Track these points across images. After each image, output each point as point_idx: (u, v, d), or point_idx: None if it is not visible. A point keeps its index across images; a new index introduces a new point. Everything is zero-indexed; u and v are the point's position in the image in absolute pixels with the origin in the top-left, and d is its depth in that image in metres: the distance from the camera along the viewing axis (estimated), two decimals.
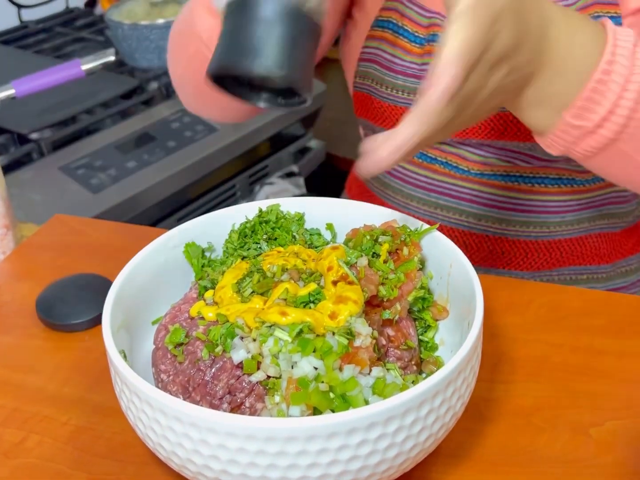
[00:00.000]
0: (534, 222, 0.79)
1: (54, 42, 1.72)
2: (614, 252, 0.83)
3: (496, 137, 0.74)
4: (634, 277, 0.85)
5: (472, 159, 0.77)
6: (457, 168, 0.78)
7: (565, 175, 0.77)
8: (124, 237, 0.76)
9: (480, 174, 0.77)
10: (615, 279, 0.84)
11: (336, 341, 0.44)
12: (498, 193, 0.78)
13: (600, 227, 0.81)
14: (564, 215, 0.79)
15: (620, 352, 0.59)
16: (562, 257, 0.80)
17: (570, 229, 0.80)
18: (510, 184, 0.77)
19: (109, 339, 0.45)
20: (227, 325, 0.46)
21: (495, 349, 0.59)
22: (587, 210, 0.80)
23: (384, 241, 0.51)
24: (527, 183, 0.77)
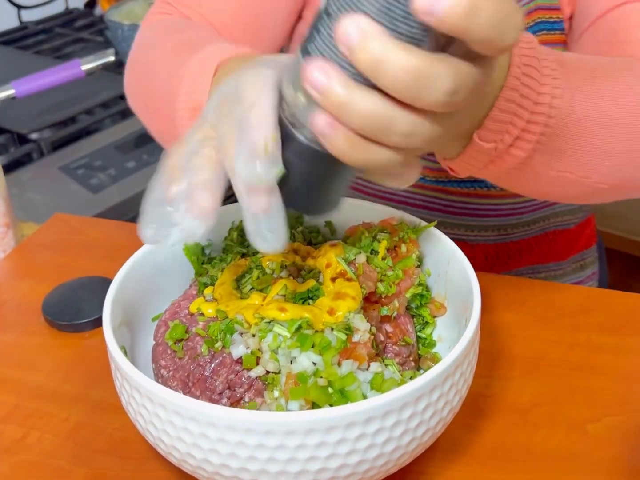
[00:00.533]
0: (491, 226, 0.80)
1: (53, 42, 1.72)
2: (569, 248, 0.85)
3: None
4: (589, 271, 0.88)
5: (427, 166, 0.77)
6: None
7: None
8: (124, 235, 0.76)
9: (436, 181, 0.78)
10: (572, 275, 0.86)
11: (335, 337, 0.45)
12: (454, 199, 0.79)
13: (555, 225, 0.83)
14: (519, 217, 0.80)
15: (617, 349, 0.59)
16: (520, 258, 0.82)
17: (527, 230, 0.81)
18: (466, 189, 0.78)
19: (110, 334, 0.45)
20: (226, 321, 0.46)
21: (493, 346, 0.59)
22: (540, 210, 0.81)
23: (382, 238, 0.52)
24: (483, 187, 0.78)
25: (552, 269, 0.84)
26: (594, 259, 0.90)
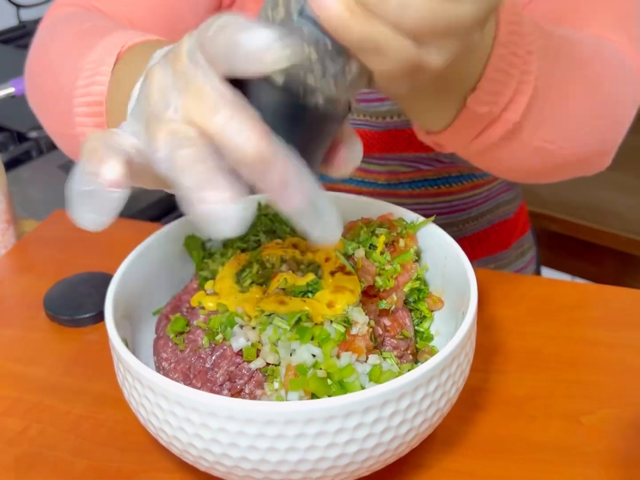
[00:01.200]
0: (444, 223, 0.82)
1: None
2: (510, 236, 0.88)
3: (401, 150, 0.75)
4: (529, 256, 0.92)
5: (377, 170, 0.78)
6: (364, 182, 0.79)
7: (465, 172, 0.80)
8: (124, 232, 0.76)
9: (388, 185, 0.79)
10: (516, 262, 0.89)
11: (334, 329, 0.45)
12: (407, 202, 0.80)
13: (498, 217, 0.86)
14: (469, 212, 0.82)
15: (612, 343, 0.60)
16: (473, 251, 0.84)
17: (476, 224, 0.84)
18: (418, 190, 0.80)
19: (112, 326, 0.46)
20: (227, 314, 0.47)
21: (490, 341, 0.60)
22: (486, 203, 0.84)
23: (381, 233, 0.52)
24: (433, 186, 0.79)
25: (500, 259, 0.87)
26: (531, 244, 0.93)
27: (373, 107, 0.73)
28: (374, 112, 0.73)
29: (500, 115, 0.47)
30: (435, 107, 0.48)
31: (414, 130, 0.70)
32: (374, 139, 0.75)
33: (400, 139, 0.75)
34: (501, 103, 0.46)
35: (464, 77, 0.45)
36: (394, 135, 0.74)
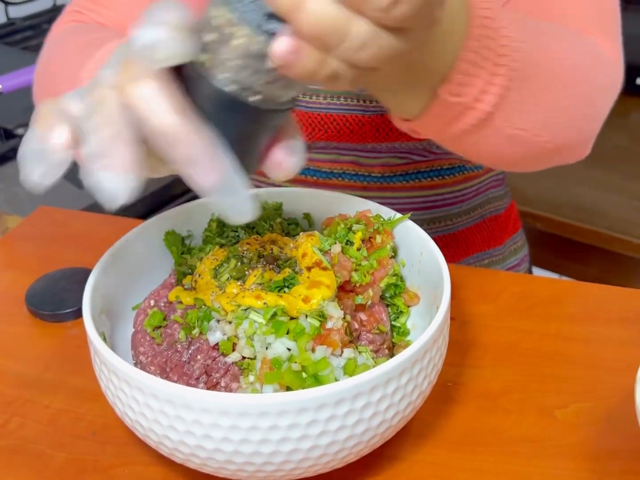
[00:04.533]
0: (438, 217, 0.83)
1: (40, 38, 1.71)
2: (502, 233, 0.90)
3: (394, 139, 0.76)
4: (521, 254, 0.93)
5: (370, 163, 0.79)
6: (357, 175, 0.80)
7: (457, 164, 0.81)
8: (107, 228, 0.77)
9: (382, 177, 0.80)
10: (509, 258, 0.90)
11: (308, 323, 0.46)
12: (401, 195, 0.81)
13: (489, 212, 0.87)
14: (460, 205, 0.84)
15: (587, 339, 0.61)
16: (466, 246, 0.85)
17: (468, 218, 0.85)
18: (412, 182, 0.80)
19: (89, 321, 0.46)
20: (204, 309, 0.48)
21: (466, 336, 0.61)
22: (477, 197, 0.85)
23: (358, 229, 0.53)
24: (427, 178, 0.80)
25: (493, 255, 0.88)
26: (523, 242, 0.95)
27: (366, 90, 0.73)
28: (367, 95, 0.73)
29: (472, 105, 0.48)
30: (407, 96, 0.48)
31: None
32: (367, 124, 0.76)
33: (394, 125, 0.75)
34: (472, 94, 0.47)
35: (435, 68, 0.46)
36: (387, 120, 0.74)
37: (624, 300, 0.65)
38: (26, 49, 1.66)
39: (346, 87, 0.38)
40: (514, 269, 0.92)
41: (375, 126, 0.76)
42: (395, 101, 0.50)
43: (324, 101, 0.74)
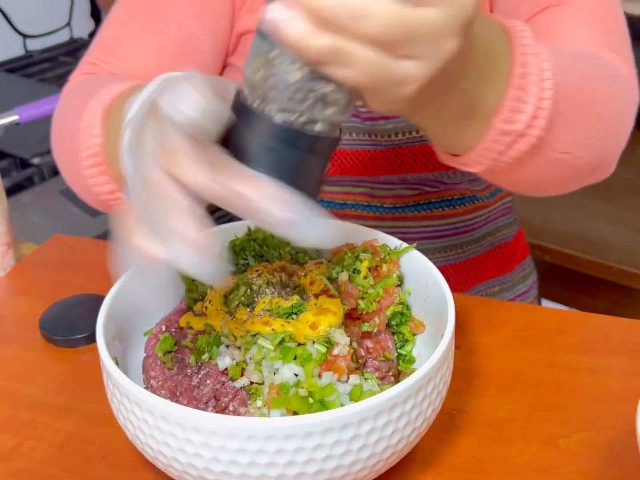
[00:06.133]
0: (449, 246, 0.84)
1: (57, 70, 1.77)
2: (511, 260, 0.91)
3: (405, 171, 0.78)
4: (530, 280, 0.94)
5: (383, 195, 0.81)
6: (370, 206, 0.81)
7: (467, 194, 0.83)
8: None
9: (394, 208, 0.81)
10: (519, 285, 0.92)
11: (315, 349, 0.47)
12: (413, 224, 0.83)
13: (498, 240, 0.89)
14: (472, 234, 0.85)
15: (591, 369, 0.62)
16: (477, 274, 0.86)
17: (478, 246, 0.86)
18: (423, 212, 0.82)
19: (102, 345, 0.48)
20: (213, 334, 0.49)
21: (472, 365, 0.62)
22: (487, 225, 0.87)
23: (364, 258, 0.54)
24: (438, 208, 0.82)
25: (504, 282, 0.90)
26: (532, 269, 0.96)
27: (378, 125, 0.75)
28: (379, 130, 0.75)
29: (524, 131, 0.49)
30: (460, 130, 0.50)
31: (417, 148, 0.71)
32: (379, 159, 0.78)
33: (406, 157, 0.77)
34: (524, 120, 0.49)
35: (487, 99, 0.48)
36: (399, 154, 0.77)
37: (627, 331, 0.66)
38: (43, 80, 1.71)
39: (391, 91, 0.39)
40: (524, 296, 0.93)
41: (387, 159, 0.78)
42: (450, 137, 0.51)
43: None
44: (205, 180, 0.37)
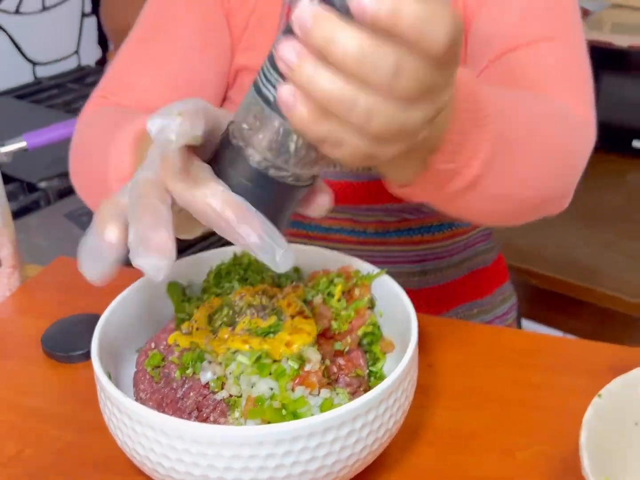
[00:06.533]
0: (428, 270, 0.89)
1: (65, 97, 1.84)
2: (491, 284, 0.96)
3: (386, 201, 0.83)
4: (509, 303, 0.99)
5: (366, 220, 0.86)
6: (354, 232, 0.87)
7: (445, 221, 0.88)
8: (120, 278, 0.83)
9: (376, 234, 0.87)
10: (498, 308, 0.97)
11: (289, 365, 0.52)
12: (394, 249, 0.87)
13: (477, 264, 0.94)
14: (450, 259, 0.90)
15: (555, 387, 0.66)
16: (455, 297, 0.91)
17: (457, 270, 0.91)
18: (404, 237, 0.87)
19: (96, 360, 0.53)
20: (197, 351, 0.54)
21: (441, 381, 0.66)
22: (465, 250, 0.92)
23: (338, 282, 0.59)
24: (417, 234, 0.87)
25: (482, 305, 0.95)
26: (511, 292, 1.01)
27: None
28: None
29: (461, 170, 0.53)
30: (402, 167, 0.53)
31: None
32: (360, 190, 0.83)
33: (386, 189, 0.82)
34: (461, 161, 0.52)
35: (427, 143, 0.50)
36: (379, 186, 0.81)
37: (591, 354, 0.70)
38: (51, 107, 1.77)
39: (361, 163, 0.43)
40: (502, 317, 0.97)
41: (369, 190, 0.83)
42: (391, 171, 0.55)
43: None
44: (182, 187, 0.43)
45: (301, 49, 0.38)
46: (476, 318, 0.94)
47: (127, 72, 0.78)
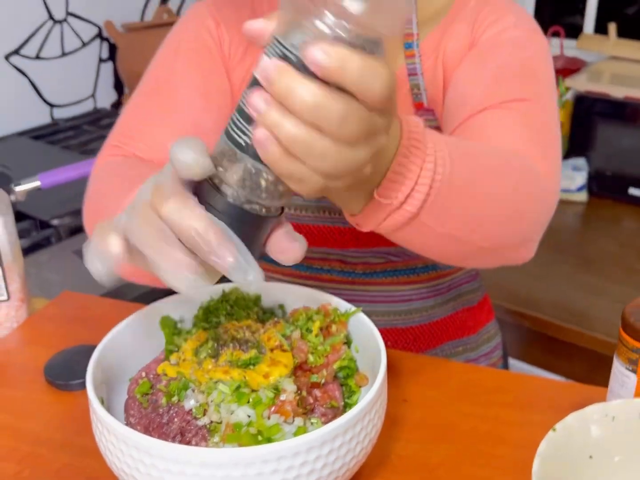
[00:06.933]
0: (414, 309, 0.93)
1: (81, 138, 1.91)
2: (476, 323, 1.00)
3: (373, 245, 0.88)
4: (494, 342, 1.03)
5: (354, 262, 0.91)
6: (343, 272, 0.92)
7: (429, 263, 0.92)
8: (121, 312, 0.89)
9: (364, 274, 0.92)
10: (482, 346, 1.00)
11: (265, 395, 0.57)
12: (381, 289, 0.92)
13: (462, 304, 0.98)
14: (436, 299, 0.94)
15: (521, 423, 0.70)
16: (441, 335, 0.94)
17: (442, 310, 0.95)
18: (390, 278, 0.92)
19: (90, 387, 0.58)
20: (183, 380, 0.59)
21: (415, 415, 0.71)
22: (450, 291, 0.96)
23: (317, 319, 0.64)
24: (403, 275, 0.92)
25: (468, 343, 0.99)
26: (497, 331, 1.05)
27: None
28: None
29: (400, 206, 0.57)
30: (349, 199, 0.59)
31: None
32: (348, 234, 0.88)
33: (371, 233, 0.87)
34: (399, 198, 0.57)
35: (371, 179, 0.55)
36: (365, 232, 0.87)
37: (557, 391, 0.75)
38: (67, 147, 1.84)
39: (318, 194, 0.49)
40: (488, 356, 1.02)
41: (355, 235, 0.88)
42: (343, 202, 0.60)
43: (312, 214, 0.87)
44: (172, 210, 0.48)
45: (267, 98, 0.44)
46: (462, 355, 0.98)
47: (136, 123, 0.84)
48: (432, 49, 0.83)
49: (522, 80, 0.76)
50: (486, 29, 0.80)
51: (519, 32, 0.80)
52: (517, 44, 0.79)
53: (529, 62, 0.78)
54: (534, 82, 0.77)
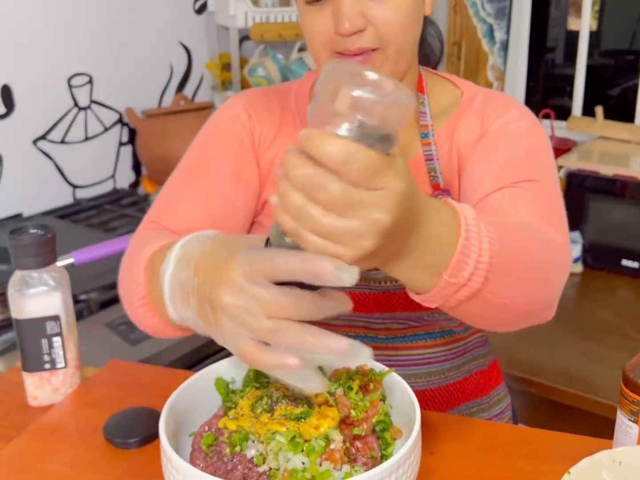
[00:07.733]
0: (432, 372, 1.02)
1: (102, 217, 2.02)
2: (487, 385, 1.08)
3: (394, 310, 0.98)
4: (504, 403, 1.11)
5: (377, 327, 1.00)
6: (366, 337, 1.00)
7: (446, 329, 1.02)
8: (164, 377, 0.98)
9: (386, 339, 1.01)
10: (494, 407, 1.09)
11: (317, 444, 0.65)
12: (403, 353, 1.01)
13: (475, 367, 1.07)
14: (452, 362, 1.03)
15: (535, 472, 0.78)
16: (457, 396, 1.03)
17: (458, 372, 1.04)
18: (410, 343, 1.01)
19: (163, 432, 0.66)
20: (243, 432, 0.67)
21: (441, 466, 0.79)
22: (464, 355, 1.05)
23: (356, 378, 0.73)
24: (421, 339, 1.01)
25: (481, 403, 1.07)
26: (506, 393, 1.14)
27: (372, 274, 0.96)
28: (372, 277, 0.96)
29: (466, 283, 0.66)
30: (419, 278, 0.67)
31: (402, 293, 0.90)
32: (372, 300, 0.98)
33: (394, 299, 0.97)
34: (466, 276, 0.66)
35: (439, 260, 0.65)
36: (388, 297, 0.96)
37: (568, 443, 0.83)
38: (90, 226, 1.94)
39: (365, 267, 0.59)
40: (499, 416, 1.10)
41: (379, 301, 0.97)
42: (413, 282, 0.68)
43: None
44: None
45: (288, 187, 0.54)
46: (476, 415, 1.06)
47: (173, 203, 0.94)
48: (445, 137, 0.95)
49: (528, 164, 0.87)
50: (494, 121, 0.92)
51: (522, 123, 0.92)
52: (521, 133, 0.91)
53: (533, 149, 0.90)
54: (539, 165, 0.88)
